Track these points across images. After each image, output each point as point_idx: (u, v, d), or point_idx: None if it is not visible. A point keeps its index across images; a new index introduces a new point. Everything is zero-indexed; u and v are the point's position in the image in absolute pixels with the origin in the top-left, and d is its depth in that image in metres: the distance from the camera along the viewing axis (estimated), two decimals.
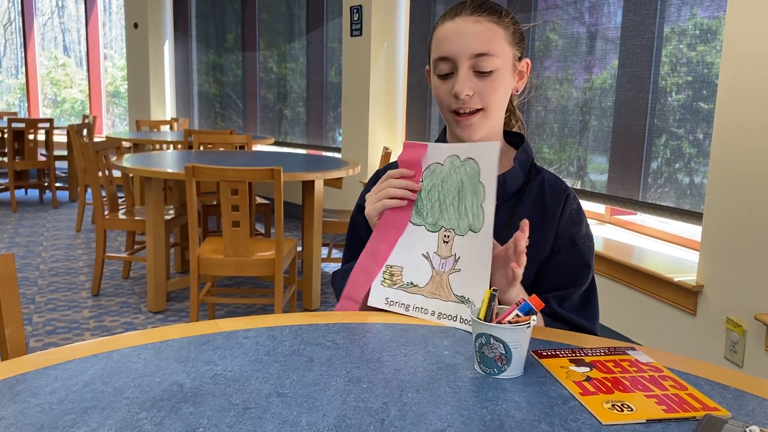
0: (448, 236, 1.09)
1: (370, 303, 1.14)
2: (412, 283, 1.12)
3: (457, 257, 1.09)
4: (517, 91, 1.22)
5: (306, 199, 3.40)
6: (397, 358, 0.96)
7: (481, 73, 1.13)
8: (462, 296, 1.09)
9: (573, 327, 1.17)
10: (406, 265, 1.13)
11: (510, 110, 1.29)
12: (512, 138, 1.27)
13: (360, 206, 1.29)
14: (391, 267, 1.14)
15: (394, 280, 1.13)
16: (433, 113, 4.61)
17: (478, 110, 1.15)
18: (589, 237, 1.22)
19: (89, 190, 5.78)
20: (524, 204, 1.21)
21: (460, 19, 1.13)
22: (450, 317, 1.09)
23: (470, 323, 1.07)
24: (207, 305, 3.33)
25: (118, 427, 0.74)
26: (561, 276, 1.20)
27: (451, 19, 1.14)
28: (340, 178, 3.59)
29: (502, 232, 1.19)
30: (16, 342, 1.13)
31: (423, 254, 1.12)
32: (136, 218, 3.55)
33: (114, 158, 3.68)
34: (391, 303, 1.13)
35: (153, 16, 7.19)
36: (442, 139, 1.28)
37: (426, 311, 1.11)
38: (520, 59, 1.19)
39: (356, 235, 1.29)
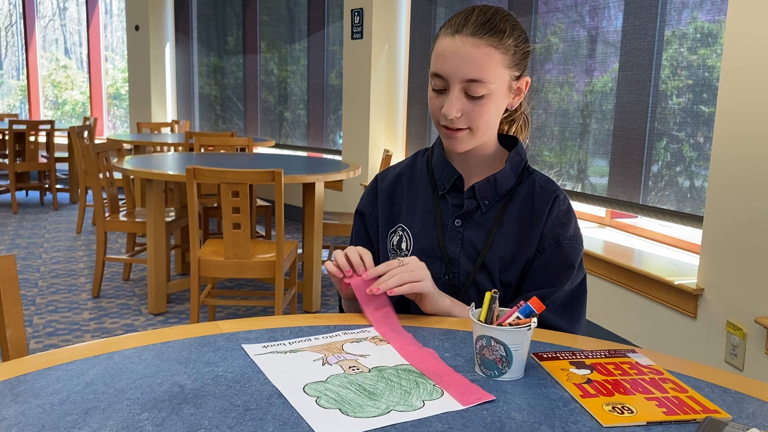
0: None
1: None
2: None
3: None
4: (511, 107, 1.21)
5: (306, 201, 3.41)
6: None
7: (471, 96, 1.12)
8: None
9: (549, 328, 1.17)
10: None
11: (519, 111, 1.30)
12: (507, 141, 1.28)
13: (362, 201, 1.36)
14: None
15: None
16: None
17: (465, 128, 1.15)
18: (576, 239, 1.22)
19: (90, 191, 5.80)
20: (514, 204, 1.22)
21: (460, 39, 1.10)
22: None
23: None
24: (207, 307, 3.33)
25: (119, 427, 0.74)
26: (543, 276, 1.20)
27: (452, 35, 1.12)
28: (341, 181, 3.59)
29: (492, 231, 1.21)
30: (17, 343, 1.13)
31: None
32: (137, 220, 3.55)
33: (115, 160, 3.68)
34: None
35: (154, 18, 7.20)
36: (438, 142, 1.28)
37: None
38: (519, 77, 1.17)
39: (364, 228, 1.34)
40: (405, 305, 1.24)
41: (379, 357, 0.97)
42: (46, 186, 6.42)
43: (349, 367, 0.93)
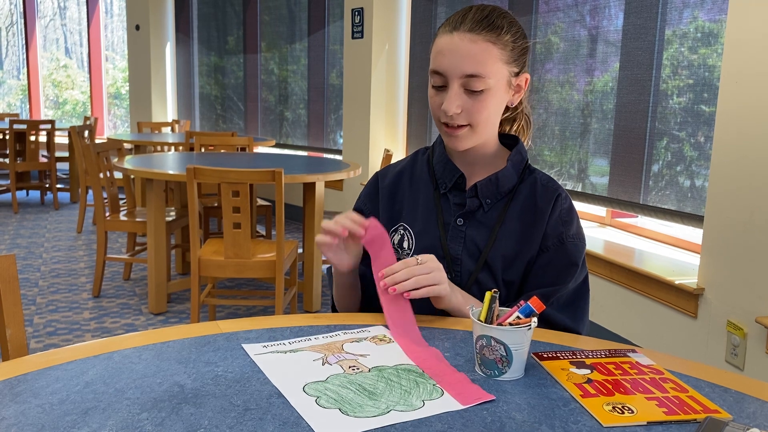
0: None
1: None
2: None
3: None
4: (511, 104, 1.22)
5: (307, 201, 3.41)
6: None
7: (471, 92, 1.13)
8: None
9: (555, 326, 1.17)
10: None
11: (519, 110, 1.30)
12: (508, 140, 1.29)
13: (361, 197, 1.36)
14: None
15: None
16: None
17: (465, 125, 1.16)
18: (579, 237, 1.22)
19: (90, 191, 5.79)
20: (516, 203, 1.23)
21: (457, 35, 1.12)
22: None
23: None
24: (208, 307, 3.33)
25: (119, 427, 0.74)
26: (547, 274, 1.20)
27: (450, 32, 1.13)
28: (341, 180, 3.58)
29: (494, 230, 1.21)
30: (17, 343, 1.13)
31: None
32: (137, 220, 3.55)
33: (115, 160, 3.68)
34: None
35: (154, 18, 7.20)
36: (439, 141, 1.28)
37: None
38: (518, 74, 1.18)
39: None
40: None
41: (379, 357, 0.97)
42: (47, 185, 6.42)
43: (349, 367, 0.93)
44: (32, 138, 5.89)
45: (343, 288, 1.26)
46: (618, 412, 0.81)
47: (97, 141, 5.98)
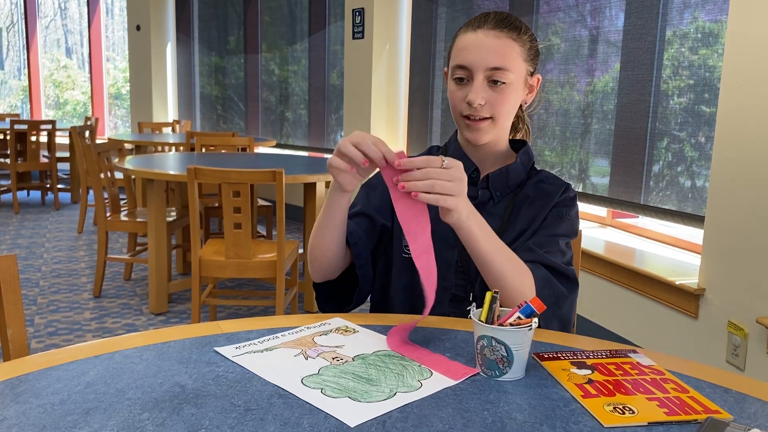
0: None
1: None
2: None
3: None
4: (525, 103, 1.28)
5: (308, 201, 3.41)
6: None
7: (494, 85, 1.19)
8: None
9: (548, 267, 1.18)
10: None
11: (519, 117, 1.36)
12: (515, 144, 1.34)
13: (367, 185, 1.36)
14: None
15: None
16: (435, 116, 4.61)
17: (487, 118, 1.21)
18: (576, 218, 1.29)
19: (91, 191, 5.80)
20: (524, 194, 1.28)
21: (482, 32, 1.19)
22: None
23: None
24: (209, 307, 3.32)
25: (119, 427, 0.74)
26: (543, 233, 1.24)
27: (474, 30, 1.20)
28: None
29: (504, 219, 1.26)
30: (18, 343, 1.13)
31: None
32: (138, 220, 3.55)
33: (116, 160, 3.68)
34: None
35: (155, 18, 7.20)
36: (453, 139, 1.33)
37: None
38: (532, 74, 1.25)
39: (374, 196, 1.32)
40: (412, 302, 1.25)
41: (355, 346, 1.00)
42: (48, 186, 6.42)
43: (333, 358, 0.95)
44: (33, 138, 5.89)
45: (332, 219, 1.16)
46: (619, 413, 0.81)
47: (97, 141, 5.98)
